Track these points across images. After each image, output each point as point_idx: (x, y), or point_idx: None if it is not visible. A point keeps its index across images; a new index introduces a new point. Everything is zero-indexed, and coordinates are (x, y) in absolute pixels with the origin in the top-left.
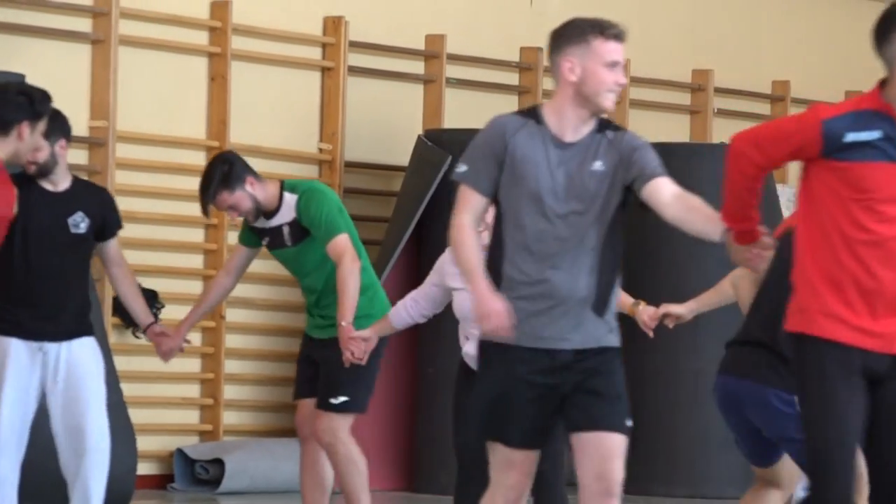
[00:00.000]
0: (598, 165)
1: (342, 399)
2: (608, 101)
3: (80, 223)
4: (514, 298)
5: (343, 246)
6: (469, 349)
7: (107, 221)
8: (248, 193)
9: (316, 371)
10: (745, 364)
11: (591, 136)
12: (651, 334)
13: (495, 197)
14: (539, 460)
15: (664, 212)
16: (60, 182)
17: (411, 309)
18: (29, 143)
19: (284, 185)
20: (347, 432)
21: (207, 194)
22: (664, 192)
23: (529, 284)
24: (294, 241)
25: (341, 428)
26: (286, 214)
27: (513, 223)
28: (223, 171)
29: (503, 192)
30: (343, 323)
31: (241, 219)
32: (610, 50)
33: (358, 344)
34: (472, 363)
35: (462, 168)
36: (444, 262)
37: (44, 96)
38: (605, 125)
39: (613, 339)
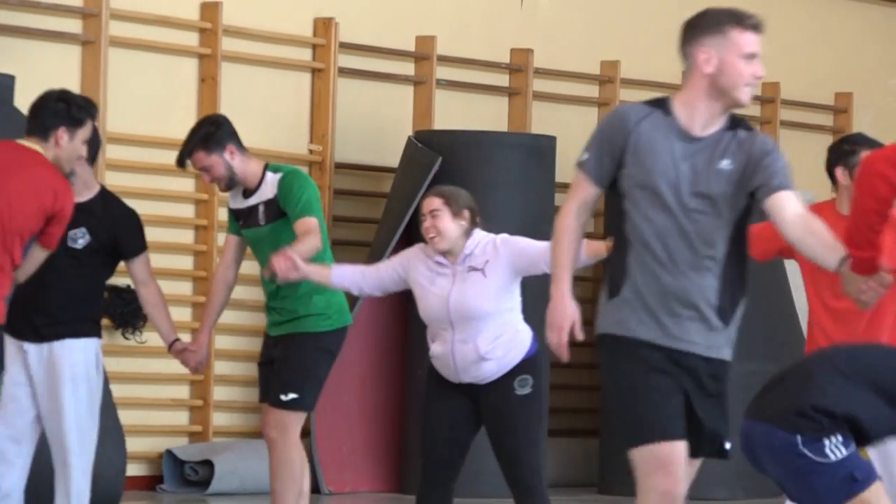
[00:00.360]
0: (725, 164)
1: (292, 396)
2: (745, 95)
3: (78, 239)
4: (636, 296)
5: (313, 225)
6: (436, 349)
7: (120, 242)
8: (225, 161)
9: None
10: (756, 403)
11: (721, 133)
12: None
13: (616, 190)
14: (515, 465)
15: (783, 229)
16: (78, 193)
17: (355, 278)
18: (68, 149)
19: (268, 167)
20: (296, 432)
21: (186, 149)
22: (787, 210)
23: (651, 283)
24: (267, 220)
25: (290, 426)
26: (265, 193)
27: (635, 218)
28: (207, 131)
29: (625, 184)
30: (293, 255)
31: (224, 205)
32: (748, 41)
33: (289, 263)
34: (437, 364)
35: (584, 156)
36: (416, 255)
37: (84, 103)
38: (736, 122)
39: (728, 353)
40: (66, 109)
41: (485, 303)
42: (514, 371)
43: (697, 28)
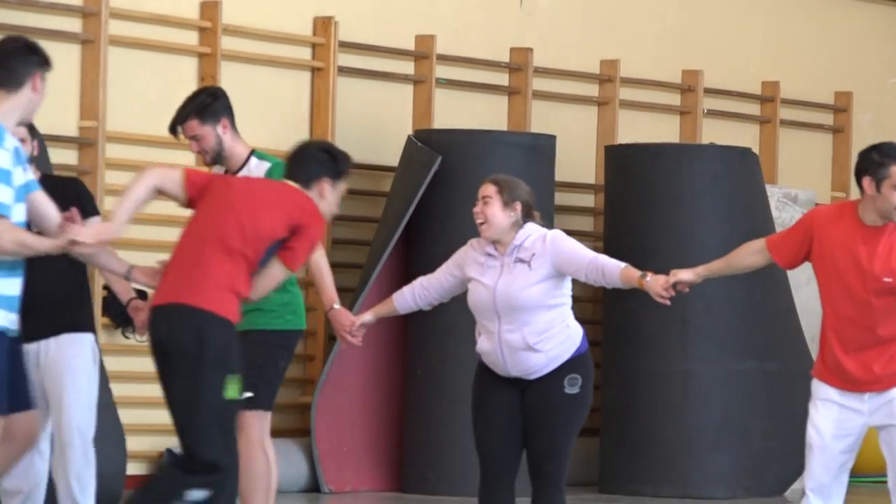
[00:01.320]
0: None
1: (246, 395)
2: None
3: None
4: None
5: None
6: (484, 345)
7: (80, 209)
8: (217, 133)
9: None
10: None
11: None
12: (668, 303)
13: None
14: (548, 460)
15: None
16: None
17: (419, 296)
18: (330, 201)
19: (254, 152)
20: (256, 432)
21: (180, 116)
22: None
23: None
24: None
25: (248, 425)
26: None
27: None
28: (204, 101)
29: None
30: (335, 306)
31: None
32: None
33: (355, 329)
34: (487, 360)
35: None
36: (467, 251)
37: (344, 156)
38: None
39: None
40: (330, 161)
41: (529, 294)
42: (565, 368)
43: None
